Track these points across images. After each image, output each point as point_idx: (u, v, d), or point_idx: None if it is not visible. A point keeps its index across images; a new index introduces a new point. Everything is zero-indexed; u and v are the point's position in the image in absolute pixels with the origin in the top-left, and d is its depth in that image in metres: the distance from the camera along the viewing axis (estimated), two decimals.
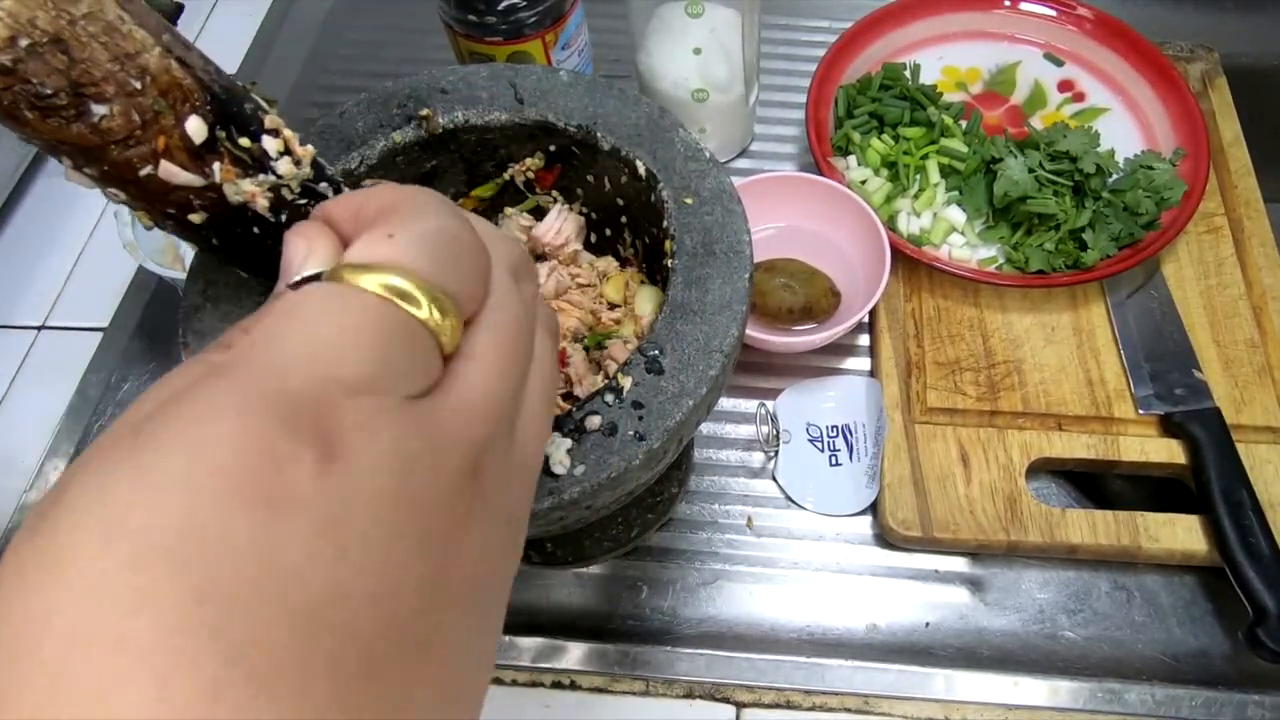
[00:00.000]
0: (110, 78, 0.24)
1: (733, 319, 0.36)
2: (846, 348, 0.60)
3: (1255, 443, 0.54)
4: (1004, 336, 0.59)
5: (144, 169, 0.26)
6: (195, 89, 0.27)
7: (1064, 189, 0.59)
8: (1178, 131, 0.64)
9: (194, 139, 0.27)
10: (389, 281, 0.18)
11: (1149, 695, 0.48)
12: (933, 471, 0.53)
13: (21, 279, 0.67)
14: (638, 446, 0.32)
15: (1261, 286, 0.60)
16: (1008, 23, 0.72)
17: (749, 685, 0.49)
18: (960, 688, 0.48)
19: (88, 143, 0.25)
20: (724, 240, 0.38)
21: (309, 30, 0.81)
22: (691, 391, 0.34)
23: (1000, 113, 0.69)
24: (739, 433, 0.57)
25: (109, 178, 0.27)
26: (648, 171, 0.40)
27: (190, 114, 0.27)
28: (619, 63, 0.74)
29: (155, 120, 0.26)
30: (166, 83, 0.26)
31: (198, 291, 0.37)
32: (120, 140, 0.26)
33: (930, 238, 0.61)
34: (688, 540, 0.54)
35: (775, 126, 0.72)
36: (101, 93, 0.24)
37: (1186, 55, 0.72)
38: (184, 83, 0.26)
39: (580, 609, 0.52)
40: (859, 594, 0.52)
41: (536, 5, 0.58)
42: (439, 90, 0.43)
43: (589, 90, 0.42)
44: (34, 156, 0.72)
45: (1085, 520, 0.51)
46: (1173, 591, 0.52)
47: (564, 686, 0.49)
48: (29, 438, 0.59)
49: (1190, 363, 0.56)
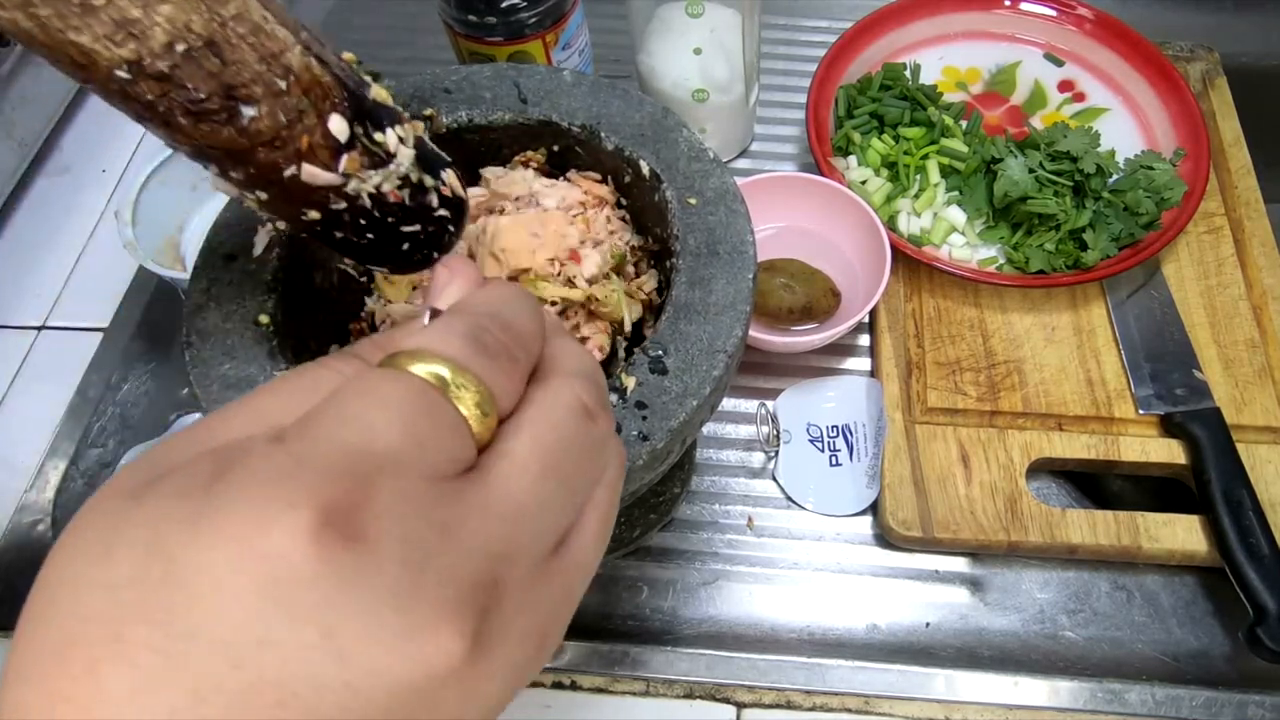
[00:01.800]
0: (258, 79, 0.24)
1: (736, 319, 0.36)
2: (847, 348, 0.60)
3: (1255, 443, 0.54)
4: (1004, 336, 0.59)
5: (288, 169, 0.26)
6: (334, 86, 0.27)
7: (1064, 189, 0.59)
8: (1178, 131, 0.64)
9: (338, 137, 0.27)
10: (434, 370, 0.18)
11: (1149, 695, 0.48)
12: (933, 471, 0.53)
13: (21, 279, 0.67)
14: (641, 447, 0.32)
15: (1261, 286, 0.60)
16: (1008, 23, 0.72)
17: (749, 685, 0.49)
18: (960, 688, 0.48)
19: (237, 145, 0.25)
20: (727, 240, 0.38)
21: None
22: (695, 392, 0.34)
23: (1000, 113, 0.69)
24: (739, 433, 0.57)
25: (254, 180, 0.27)
26: (651, 172, 0.40)
27: (331, 112, 0.27)
28: (619, 63, 0.74)
29: (299, 119, 0.26)
30: (308, 81, 0.26)
31: (201, 290, 0.37)
32: (267, 142, 0.25)
33: (930, 238, 0.61)
34: (688, 540, 0.54)
35: (775, 126, 0.72)
36: (251, 94, 0.24)
37: (1186, 55, 0.72)
38: (324, 80, 0.26)
39: (580, 608, 0.51)
40: (859, 594, 0.52)
41: (537, 5, 0.58)
42: (443, 90, 0.43)
43: (593, 90, 0.42)
44: (34, 156, 0.72)
45: (1085, 520, 0.51)
46: (1173, 591, 0.52)
47: (564, 687, 0.49)
48: (29, 438, 0.59)
49: (1190, 363, 0.56)
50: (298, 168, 0.27)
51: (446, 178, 0.31)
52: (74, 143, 0.75)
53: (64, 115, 0.74)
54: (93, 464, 0.58)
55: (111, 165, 0.73)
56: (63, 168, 0.73)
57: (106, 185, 0.72)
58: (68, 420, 0.59)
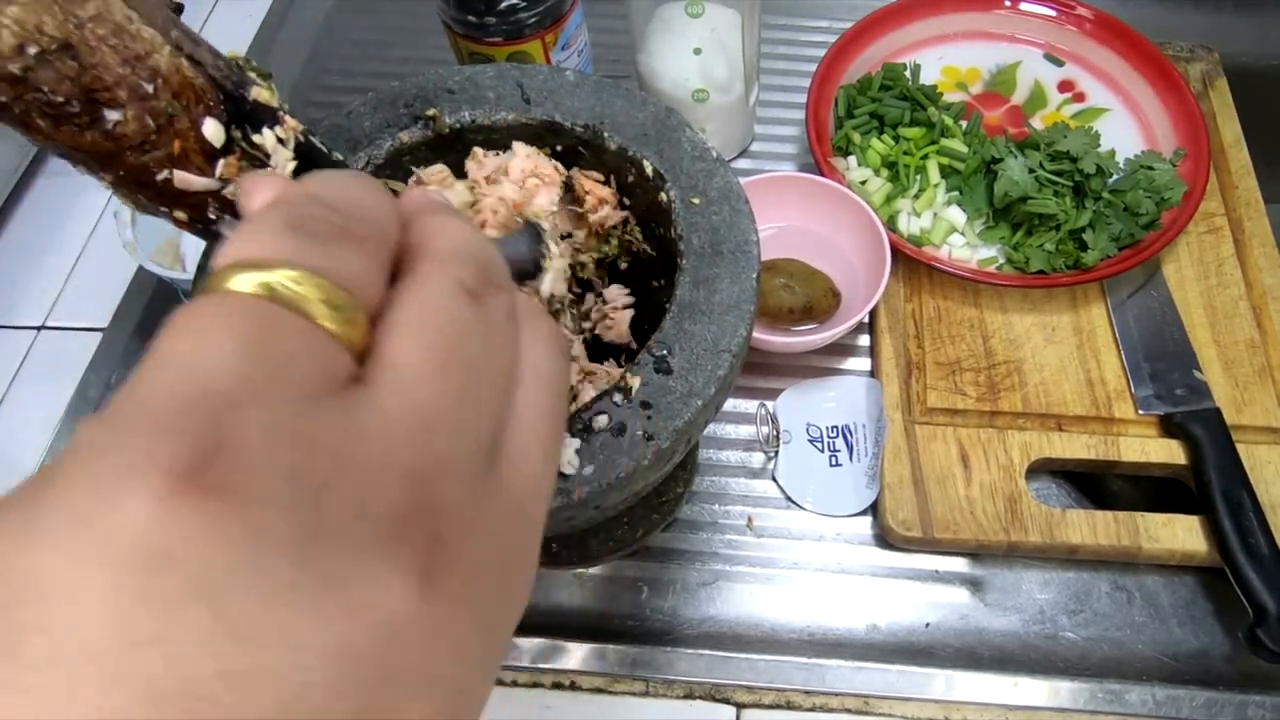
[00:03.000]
0: (122, 82, 0.24)
1: (741, 319, 0.36)
2: (847, 348, 0.60)
3: (1255, 443, 0.54)
4: (1004, 337, 0.59)
5: (161, 173, 0.26)
6: (208, 88, 0.26)
7: (1064, 189, 0.59)
8: (1178, 132, 0.64)
9: (212, 143, 0.26)
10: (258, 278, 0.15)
11: (1149, 695, 0.48)
12: (933, 472, 0.53)
13: (21, 279, 0.67)
14: (646, 446, 0.32)
15: (1262, 287, 0.60)
16: (1008, 23, 0.72)
17: (749, 686, 0.49)
18: (960, 688, 0.48)
19: (102, 149, 0.24)
20: (731, 240, 0.38)
21: (309, 30, 0.81)
22: (700, 391, 0.34)
23: (1000, 113, 0.69)
24: (739, 433, 0.57)
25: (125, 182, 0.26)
26: (655, 171, 0.40)
27: (205, 116, 0.26)
28: (619, 63, 0.74)
29: (170, 124, 0.25)
30: (179, 84, 0.25)
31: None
32: (135, 146, 0.25)
33: (930, 238, 0.61)
34: (688, 540, 0.54)
35: (775, 126, 0.72)
36: (114, 98, 0.24)
37: (1186, 55, 0.72)
38: (196, 82, 0.25)
39: (580, 609, 0.52)
40: (859, 594, 0.52)
41: (536, 5, 0.58)
42: (446, 90, 0.43)
43: (596, 90, 0.42)
44: (34, 156, 0.72)
45: (1085, 520, 0.51)
46: (1173, 592, 0.52)
47: (564, 687, 0.49)
48: (29, 438, 0.59)
49: (1190, 363, 0.56)
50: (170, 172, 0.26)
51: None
52: None
53: None
54: None
55: None
56: (63, 168, 0.73)
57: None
58: (68, 420, 0.59)
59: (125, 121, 0.24)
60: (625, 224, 0.44)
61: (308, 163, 0.29)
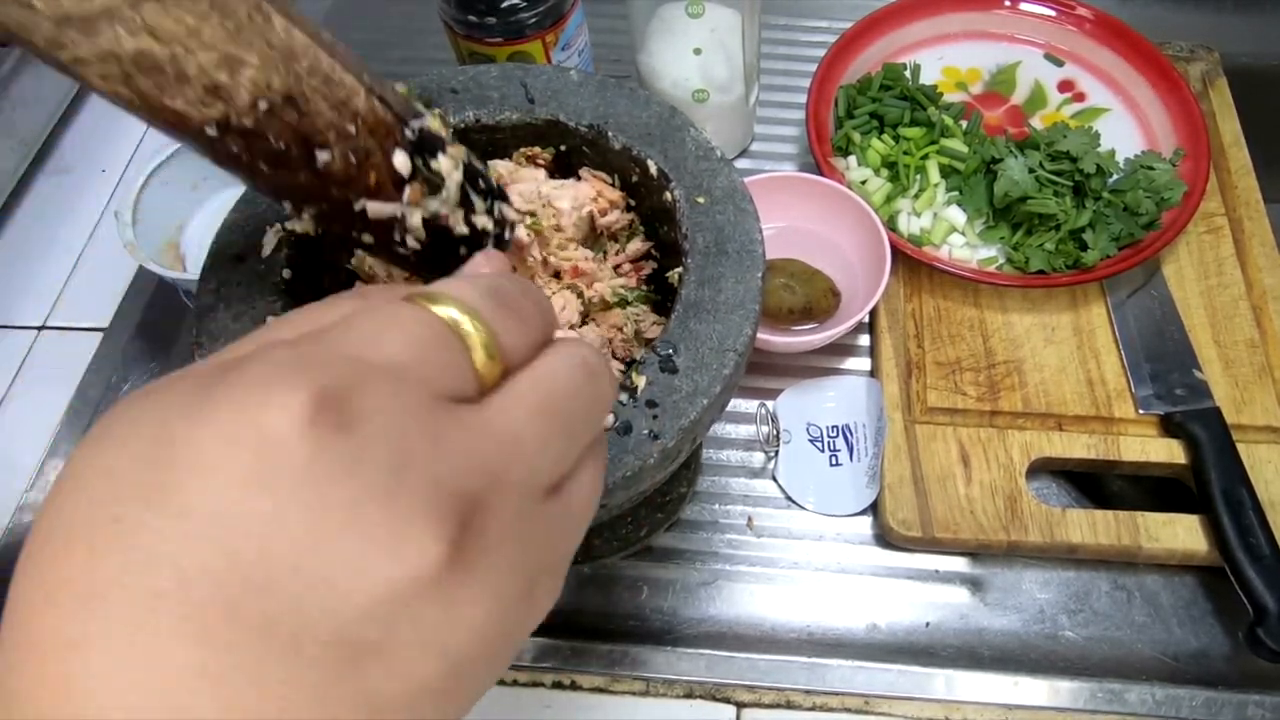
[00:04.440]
0: (331, 125, 0.26)
1: (745, 318, 0.36)
2: (847, 348, 0.60)
3: (1255, 443, 0.54)
4: (1004, 336, 0.59)
5: (358, 204, 0.28)
6: (395, 125, 0.29)
7: (1064, 189, 0.59)
8: (1178, 131, 0.64)
9: (401, 172, 0.29)
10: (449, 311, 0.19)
11: (1149, 695, 0.48)
12: (933, 471, 0.53)
13: (21, 279, 0.67)
14: (652, 445, 0.32)
15: (1261, 286, 0.60)
16: (1008, 23, 0.72)
17: (749, 685, 0.49)
18: (960, 688, 0.48)
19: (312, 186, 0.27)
20: (736, 239, 0.38)
21: None
22: (705, 390, 0.34)
23: (1000, 113, 0.69)
24: (739, 433, 0.57)
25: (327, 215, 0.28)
26: (659, 171, 0.40)
27: (395, 148, 0.28)
28: (619, 63, 0.74)
29: (367, 159, 0.27)
30: (374, 122, 0.28)
31: (210, 291, 0.37)
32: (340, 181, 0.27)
33: (930, 238, 0.61)
34: (688, 540, 0.54)
35: (775, 126, 0.72)
36: (325, 140, 0.26)
37: (1186, 55, 0.72)
38: (386, 119, 0.28)
39: (580, 609, 0.52)
40: (859, 594, 0.52)
41: (537, 5, 0.58)
42: (449, 90, 0.43)
43: (599, 90, 0.42)
44: (34, 156, 0.72)
45: (1085, 520, 0.51)
46: (1173, 591, 0.52)
47: (564, 686, 0.49)
48: (29, 438, 0.59)
49: (1190, 363, 0.56)
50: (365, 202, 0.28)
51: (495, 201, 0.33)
52: (74, 143, 0.75)
53: (64, 115, 0.74)
54: None
55: (111, 165, 0.73)
56: (63, 168, 0.73)
57: (106, 185, 0.72)
58: (68, 421, 0.59)
59: (333, 161, 0.27)
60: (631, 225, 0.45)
61: (470, 181, 0.32)
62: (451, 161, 0.31)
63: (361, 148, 0.27)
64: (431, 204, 0.30)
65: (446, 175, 0.30)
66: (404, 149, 0.29)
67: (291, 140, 0.25)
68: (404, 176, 0.29)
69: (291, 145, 0.25)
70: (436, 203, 0.30)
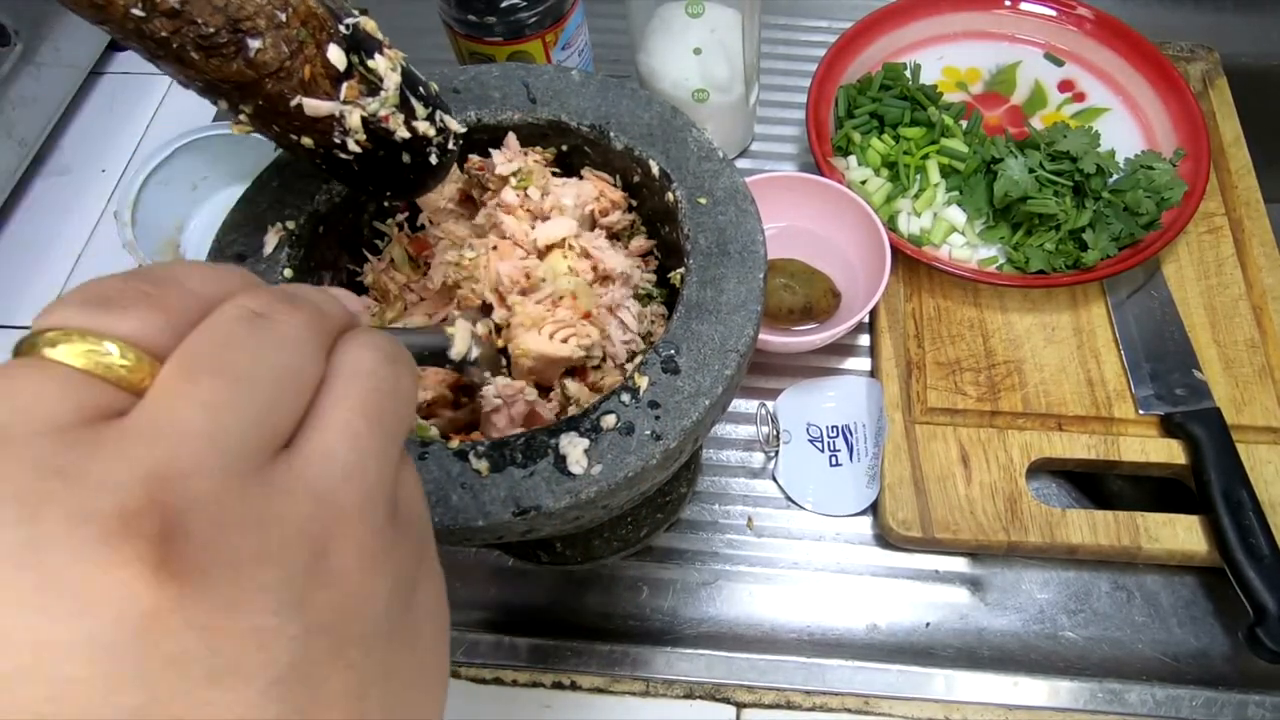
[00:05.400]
0: (260, 11, 0.26)
1: (747, 319, 0.36)
2: (847, 348, 0.60)
3: (1255, 443, 0.54)
4: (1004, 336, 0.59)
5: (294, 99, 0.28)
6: (328, 16, 0.29)
7: (1064, 189, 0.59)
8: (1178, 131, 0.64)
9: (336, 66, 0.29)
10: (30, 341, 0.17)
11: (1149, 695, 0.48)
12: (933, 471, 0.53)
13: (21, 279, 0.67)
14: (655, 446, 0.32)
15: (1261, 286, 0.60)
16: (1008, 23, 0.72)
17: (749, 685, 0.49)
18: (960, 688, 0.48)
19: (245, 78, 0.27)
20: (738, 240, 0.38)
21: None
22: (707, 391, 0.34)
23: (1000, 113, 0.69)
24: (739, 433, 0.57)
25: (263, 112, 0.28)
26: (661, 171, 0.40)
27: (328, 42, 0.29)
28: (619, 63, 0.74)
29: (300, 50, 0.28)
30: (305, 12, 0.28)
31: None
32: (273, 73, 0.27)
33: (930, 238, 0.61)
34: (688, 540, 0.54)
35: (775, 126, 0.72)
36: (255, 26, 0.26)
37: (1186, 55, 0.72)
38: (318, 11, 0.28)
39: (580, 609, 0.52)
40: (859, 594, 0.52)
41: (537, 5, 0.58)
42: (451, 90, 0.43)
43: (601, 90, 0.42)
44: (34, 156, 0.72)
45: (1085, 520, 0.51)
46: (1173, 591, 0.52)
47: (564, 687, 0.49)
48: None
49: (1190, 363, 0.56)
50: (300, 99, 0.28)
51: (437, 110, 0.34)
52: (74, 143, 0.75)
53: (64, 115, 0.74)
54: None
55: (111, 165, 0.73)
56: (63, 168, 0.73)
57: (106, 185, 0.72)
58: None
59: (264, 49, 0.27)
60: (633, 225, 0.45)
61: (410, 86, 0.32)
62: (389, 62, 0.31)
63: (294, 38, 0.27)
64: (370, 104, 0.30)
65: (384, 75, 0.30)
66: (339, 44, 0.29)
67: (221, 24, 0.25)
68: (339, 71, 0.29)
69: (221, 30, 0.26)
70: (375, 103, 0.30)
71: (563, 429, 0.33)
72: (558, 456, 0.32)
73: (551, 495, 0.31)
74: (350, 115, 0.30)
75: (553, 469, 0.32)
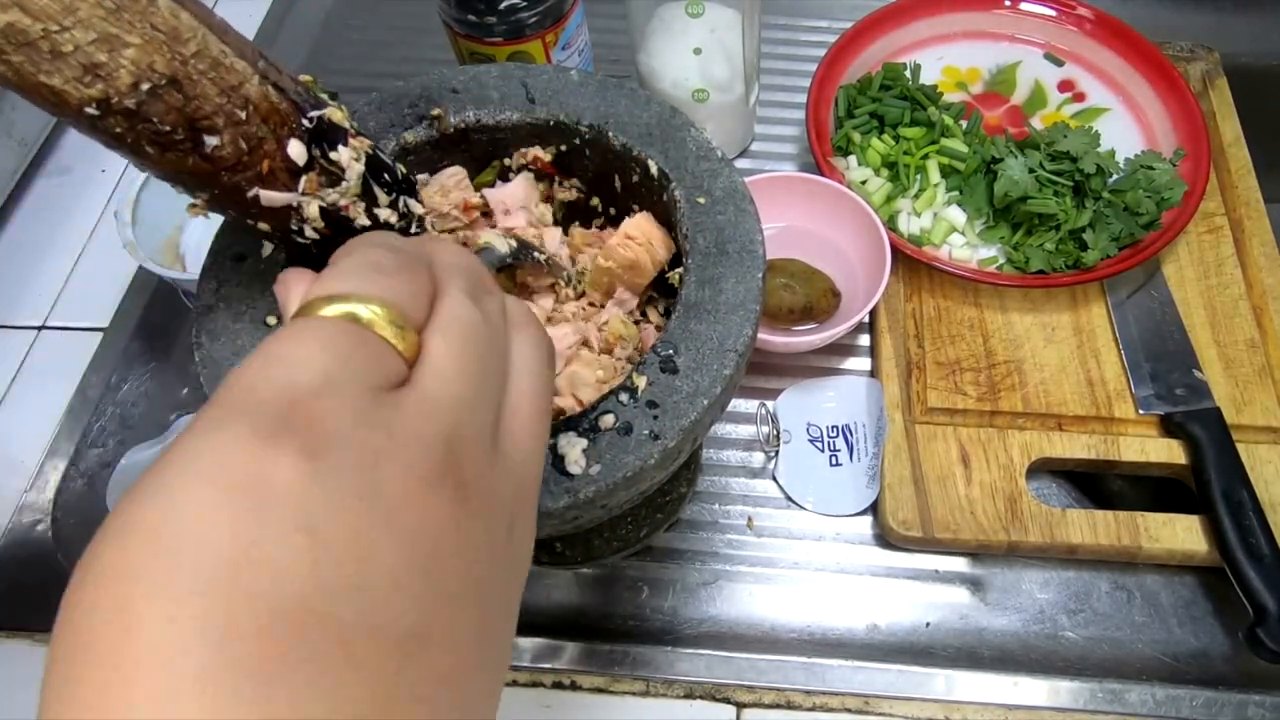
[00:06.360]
0: (219, 110, 0.26)
1: (746, 318, 0.36)
2: (847, 348, 0.60)
3: (1255, 443, 0.54)
4: (1004, 336, 0.59)
5: (251, 191, 0.28)
6: (291, 112, 0.29)
7: (1064, 189, 0.59)
8: (1178, 131, 0.64)
9: (296, 161, 0.29)
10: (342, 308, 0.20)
11: (1149, 695, 0.48)
12: (933, 471, 0.53)
13: (21, 279, 0.67)
14: (653, 445, 0.32)
15: (1262, 286, 0.60)
16: (1008, 23, 0.72)
17: (749, 685, 0.49)
18: (960, 688, 0.48)
19: (201, 171, 0.27)
20: (737, 240, 0.38)
21: (309, 30, 0.81)
22: (706, 391, 0.34)
23: (1000, 113, 0.69)
24: (739, 433, 0.57)
25: (219, 200, 0.28)
26: (660, 171, 0.40)
27: (289, 137, 0.29)
28: (619, 63, 0.74)
29: (260, 145, 0.28)
30: (266, 109, 0.28)
31: (210, 291, 0.37)
32: (230, 167, 0.27)
33: (930, 238, 0.61)
34: (688, 540, 0.54)
35: (775, 126, 0.72)
36: (213, 125, 0.26)
37: (1186, 55, 0.72)
38: (281, 107, 0.28)
39: (580, 609, 0.52)
40: (859, 594, 0.52)
41: (537, 5, 0.58)
42: (450, 90, 0.43)
43: (600, 90, 0.42)
44: (34, 156, 0.72)
45: (1085, 520, 0.51)
46: (1173, 591, 0.52)
47: (564, 686, 0.49)
48: (29, 438, 0.59)
49: (1190, 363, 0.56)
50: (259, 190, 0.28)
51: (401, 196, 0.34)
52: (74, 143, 0.75)
53: None
54: (93, 464, 0.58)
55: (111, 165, 0.73)
56: (63, 168, 0.73)
57: (106, 185, 0.72)
58: (68, 420, 0.59)
59: (222, 146, 0.27)
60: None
61: (374, 174, 0.32)
62: (354, 152, 0.31)
63: (253, 134, 0.27)
64: (330, 195, 0.30)
65: (347, 165, 0.30)
66: (299, 138, 0.29)
67: (177, 123, 0.25)
68: (299, 166, 0.29)
69: (178, 128, 0.25)
70: (335, 194, 0.30)
71: (561, 428, 0.33)
72: (556, 456, 0.32)
73: (550, 495, 0.31)
74: (309, 205, 0.30)
75: (551, 469, 0.32)
